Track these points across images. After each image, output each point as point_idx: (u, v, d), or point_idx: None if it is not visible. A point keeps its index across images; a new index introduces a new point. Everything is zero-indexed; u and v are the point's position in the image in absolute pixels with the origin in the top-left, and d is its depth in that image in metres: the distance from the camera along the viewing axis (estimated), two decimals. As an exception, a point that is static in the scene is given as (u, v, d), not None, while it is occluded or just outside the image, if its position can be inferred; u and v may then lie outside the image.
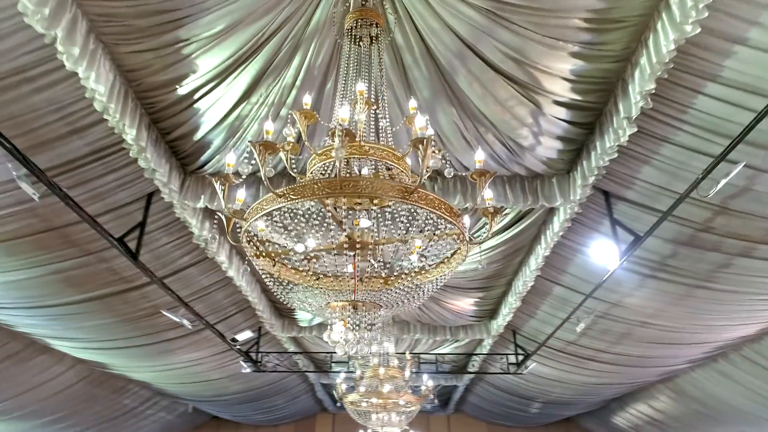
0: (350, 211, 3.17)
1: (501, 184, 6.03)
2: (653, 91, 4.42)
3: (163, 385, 12.07)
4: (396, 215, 3.09)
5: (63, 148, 5.14)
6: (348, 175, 3.09)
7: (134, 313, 8.05)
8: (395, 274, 3.11)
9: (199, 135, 5.30)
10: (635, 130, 4.79)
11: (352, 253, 2.88)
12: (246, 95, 4.78)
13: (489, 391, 14.21)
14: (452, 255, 3.18)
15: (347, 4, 3.83)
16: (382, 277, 3.11)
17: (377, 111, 3.32)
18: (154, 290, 7.57)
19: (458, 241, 3.08)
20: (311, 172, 2.93)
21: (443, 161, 3.15)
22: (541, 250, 7.14)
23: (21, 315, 7.73)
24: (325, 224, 3.03)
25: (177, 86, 4.76)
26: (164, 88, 4.84)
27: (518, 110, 4.82)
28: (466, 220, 3.40)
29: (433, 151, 2.96)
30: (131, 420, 13.54)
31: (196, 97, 4.87)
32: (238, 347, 9.44)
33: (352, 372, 7.93)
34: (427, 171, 3.11)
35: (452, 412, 17.22)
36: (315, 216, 2.97)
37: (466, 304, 9.25)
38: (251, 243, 2.89)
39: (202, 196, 5.88)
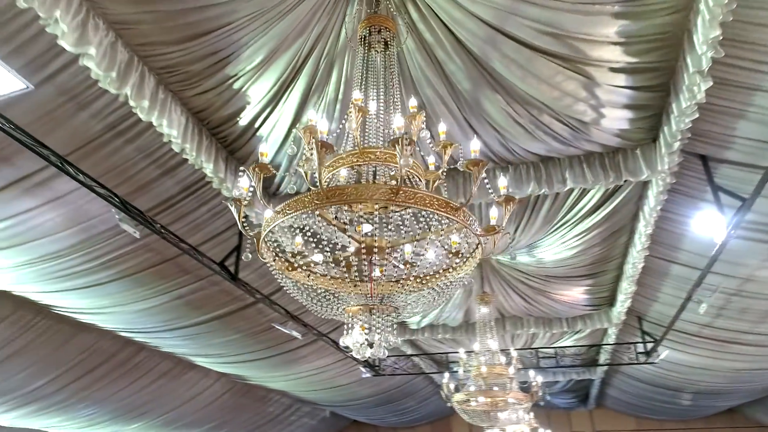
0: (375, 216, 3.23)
1: (578, 164, 5.67)
2: (722, 37, 3.92)
3: (298, 392, 12.93)
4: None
5: (158, 188, 5.82)
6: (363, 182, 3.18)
7: (253, 328, 8.78)
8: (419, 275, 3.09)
9: (267, 160, 5.68)
10: (711, 84, 4.25)
11: (368, 258, 2.93)
12: (297, 117, 5.06)
13: (629, 383, 13.20)
14: (475, 250, 3.09)
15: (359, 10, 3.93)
16: (408, 279, 3.11)
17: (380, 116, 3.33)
18: (266, 306, 8.20)
19: (465, 234, 2.97)
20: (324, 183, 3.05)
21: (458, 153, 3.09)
22: (643, 228, 6.56)
23: (163, 337, 8.81)
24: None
25: (238, 118, 5.18)
26: (230, 122, 5.29)
27: (568, 85, 4.53)
28: (494, 210, 3.29)
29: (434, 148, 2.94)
30: (278, 426, 14.66)
31: (256, 125, 5.26)
32: (351, 353, 9.82)
33: (455, 372, 7.88)
34: (438, 170, 3.10)
35: (594, 407, 16.24)
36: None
37: (576, 293, 8.75)
38: (278, 258, 3.07)
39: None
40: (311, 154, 2.59)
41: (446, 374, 7.72)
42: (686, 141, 5.08)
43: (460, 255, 3.19)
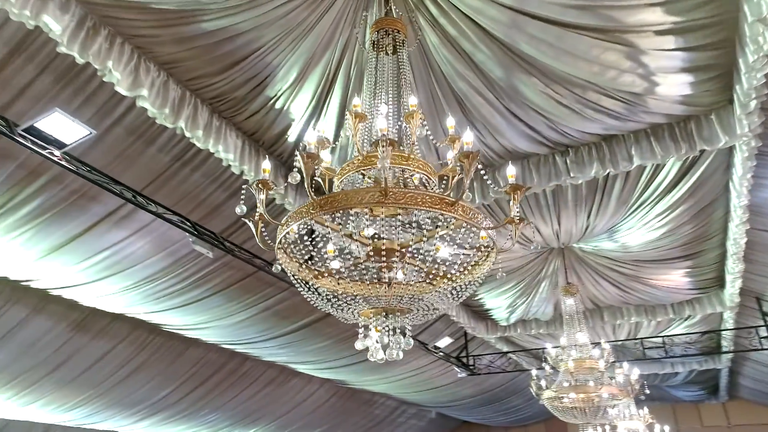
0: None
1: (644, 138, 5.25)
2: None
3: (400, 394, 13.09)
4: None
5: (228, 210, 6.22)
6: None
7: (342, 334, 9.05)
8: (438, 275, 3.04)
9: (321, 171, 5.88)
10: (777, 30, 3.77)
11: (383, 260, 2.94)
12: (339, 126, 5.19)
13: (763, 372, 11.82)
14: (491, 244, 2.97)
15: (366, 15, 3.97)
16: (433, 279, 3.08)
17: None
18: (350, 312, 8.42)
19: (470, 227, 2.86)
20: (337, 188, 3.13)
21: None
22: (736, 199, 5.90)
23: (261, 347, 9.37)
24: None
25: (286, 135, 5.42)
26: (281, 140, 5.54)
27: (608, 57, 4.21)
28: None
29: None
30: (387, 428, 14.92)
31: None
32: (442, 353, 9.78)
33: (542, 369, 7.53)
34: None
35: (726, 399, 14.71)
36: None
37: (676, 276, 8.04)
38: (303, 267, 3.18)
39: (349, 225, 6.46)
40: (296, 166, 2.68)
41: (533, 371, 7.43)
42: (764, 98, 4.52)
43: (484, 249, 3.09)
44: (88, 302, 7.37)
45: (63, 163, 4.40)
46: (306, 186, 2.58)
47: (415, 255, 3.03)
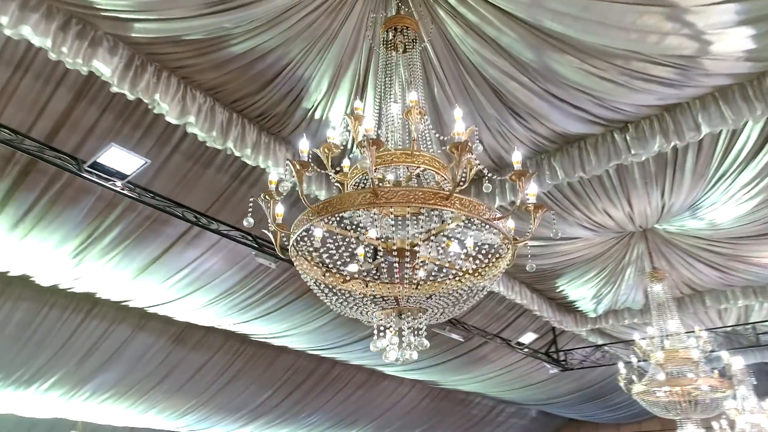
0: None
1: (712, 103, 4.75)
2: None
3: (494, 393, 12.79)
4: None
5: (288, 222, 6.42)
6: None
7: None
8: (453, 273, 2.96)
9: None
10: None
11: (396, 260, 2.93)
12: (377, 128, 5.21)
13: None
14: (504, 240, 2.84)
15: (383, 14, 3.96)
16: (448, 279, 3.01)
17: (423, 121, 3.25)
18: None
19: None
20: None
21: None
22: (838, 161, 5.18)
23: (345, 351, 9.59)
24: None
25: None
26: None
27: (644, 22, 3.84)
28: (533, 187, 2.96)
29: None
30: (487, 427, 14.63)
31: (348, 146, 5.53)
32: (528, 349, 9.43)
33: (629, 362, 6.99)
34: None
35: None
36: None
37: (783, 251, 7.17)
38: (329, 271, 3.24)
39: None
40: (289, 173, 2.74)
41: (620, 364, 6.95)
42: None
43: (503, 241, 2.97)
44: (182, 317, 7.95)
45: (125, 192, 4.81)
46: (300, 193, 2.63)
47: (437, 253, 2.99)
